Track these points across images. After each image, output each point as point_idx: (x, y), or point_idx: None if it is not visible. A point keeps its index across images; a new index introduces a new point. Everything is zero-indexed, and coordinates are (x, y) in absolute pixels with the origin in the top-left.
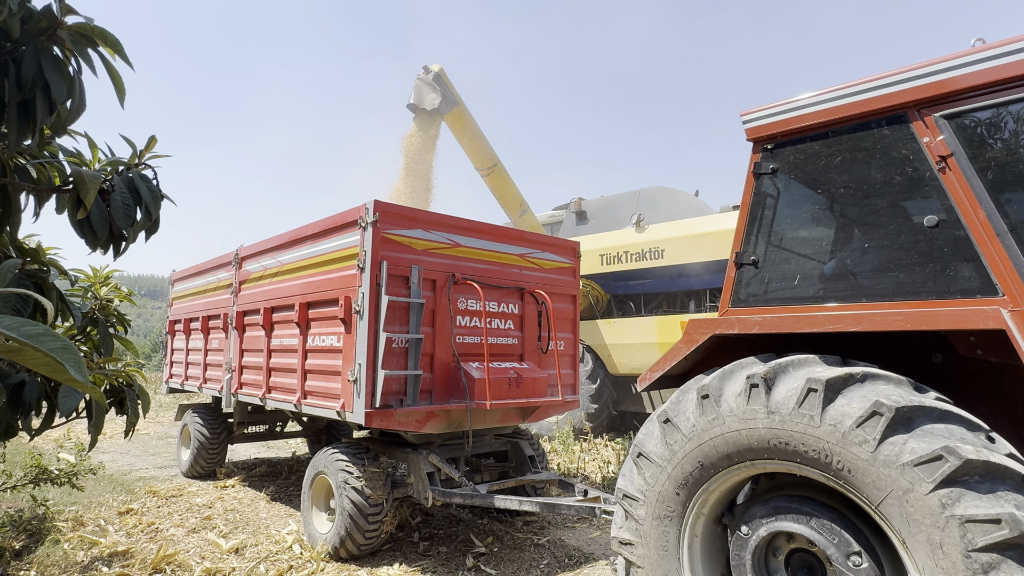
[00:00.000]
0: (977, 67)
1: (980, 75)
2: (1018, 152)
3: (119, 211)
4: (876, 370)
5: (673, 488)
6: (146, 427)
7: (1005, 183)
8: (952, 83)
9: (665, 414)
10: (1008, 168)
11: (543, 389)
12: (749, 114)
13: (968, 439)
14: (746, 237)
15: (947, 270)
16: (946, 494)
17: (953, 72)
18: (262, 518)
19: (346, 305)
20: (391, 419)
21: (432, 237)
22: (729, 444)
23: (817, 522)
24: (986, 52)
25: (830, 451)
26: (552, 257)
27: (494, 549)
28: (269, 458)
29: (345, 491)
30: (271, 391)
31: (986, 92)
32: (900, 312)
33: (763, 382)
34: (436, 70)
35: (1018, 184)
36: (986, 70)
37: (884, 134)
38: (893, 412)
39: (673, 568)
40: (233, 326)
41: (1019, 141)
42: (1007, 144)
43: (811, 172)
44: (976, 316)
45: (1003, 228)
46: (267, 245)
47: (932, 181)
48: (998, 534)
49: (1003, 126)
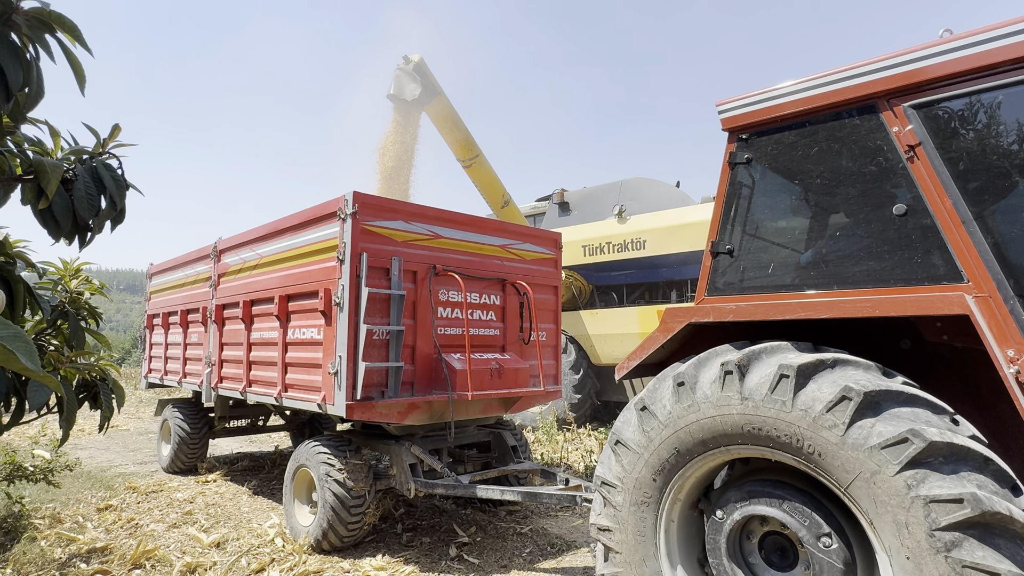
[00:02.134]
0: (944, 58)
1: (946, 65)
2: (983, 141)
3: (82, 201)
4: (846, 356)
5: (650, 474)
6: (126, 423)
7: (970, 172)
8: (920, 73)
9: (642, 402)
10: (973, 157)
11: (525, 380)
12: (724, 104)
13: (933, 422)
14: (721, 226)
15: (915, 257)
16: (911, 475)
17: (921, 63)
18: (244, 512)
19: (326, 297)
20: (372, 411)
21: (413, 228)
22: (704, 430)
23: (789, 505)
24: (952, 43)
25: (801, 435)
26: (533, 248)
27: (477, 539)
28: (252, 452)
29: (327, 483)
30: (252, 385)
31: (952, 82)
32: (869, 299)
33: (737, 369)
34: (416, 60)
35: (982, 173)
36: (952, 60)
37: (855, 124)
38: (861, 396)
39: (650, 553)
40: (212, 320)
41: (984, 131)
42: (972, 134)
43: (785, 161)
44: (941, 302)
45: (968, 216)
46: (246, 238)
47: (901, 170)
48: (961, 513)
49: (969, 116)
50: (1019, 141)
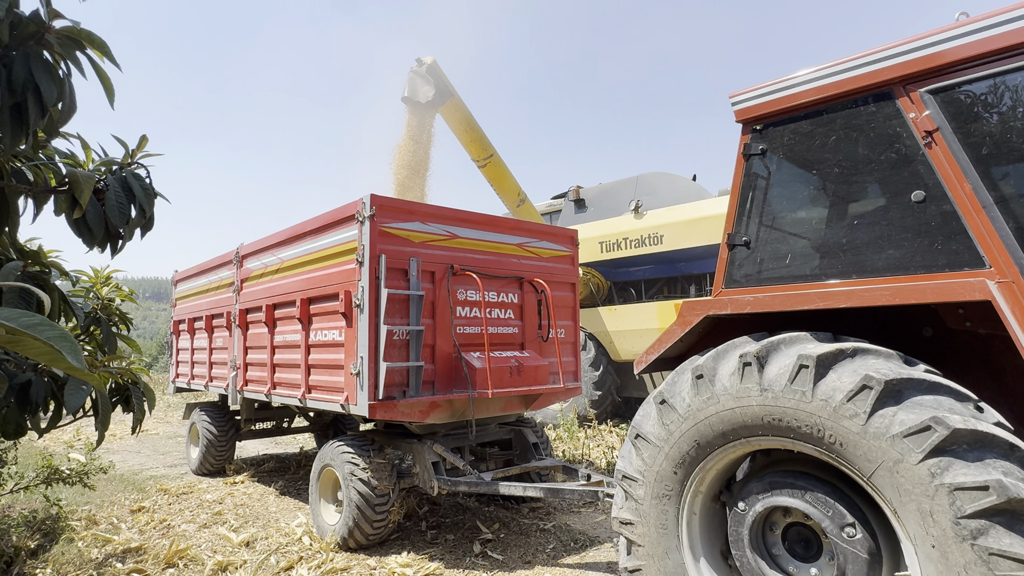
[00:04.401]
0: (959, 41)
1: (963, 49)
2: (1002, 125)
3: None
4: (866, 345)
5: (671, 467)
6: (155, 427)
7: (990, 156)
8: (936, 58)
9: (661, 395)
10: (993, 141)
11: (544, 377)
12: (738, 95)
13: (956, 409)
14: (737, 218)
15: (935, 244)
16: (935, 463)
17: (937, 47)
18: (272, 512)
19: (346, 299)
20: (394, 410)
21: (429, 229)
22: (724, 422)
23: (812, 496)
24: (968, 26)
25: (822, 425)
26: (550, 246)
27: (501, 535)
28: (277, 454)
29: (352, 483)
30: (276, 387)
31: (969, 66)
32: (888, 287)
33: (756, 360)
34: (429, 62)
35: (1002, 157)
36: (969, 44)
37: (871, 111)
38: (882, 385)
39: (673, 545)
40: (236, 324)
41: (1003, 114)
42: (991, 117)
43: (800, 151)
44: (963, 288)
45: (988, 201)
46: (267, 243)
47: (919, 156)
48: (986, 500)
49: (987, 100)
50: None
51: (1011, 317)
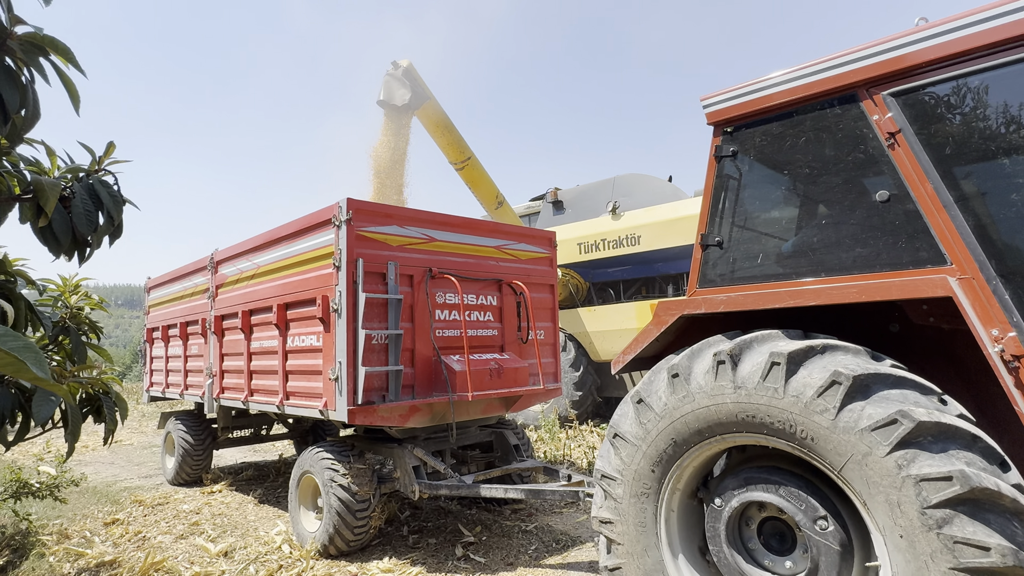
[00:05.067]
0: (919, 45)
1: (923, 53)
2: (961, 126)
3: (80, 217)
4: (835, 341)
5: (648, 466)
6: (129, 437)
7: (950, 157)
8: (897, 62)
9: (638, 394)
10: (952, 142)
11: (524, 378)
12: (709, 98)
13: (921, 402)
14: (710, 219)
15: (899, 242)
16: (902, 455)
17: (898, 51)
18: (250, 521)
19: (324, 304)
20: (374, 415)
21: (407, 233)
22: (699, 420)
23: (785, 490)
24: (927, 31)
25: (794, 421)
26: (528, 248)
27: (483, 538)
28: (256, 462)
29: (332, 489)
30: (253, 394)
31: (929, 69)
32: (855, 285)
33: (729, 358)
34: (405, 65)
35: (961, 157)
36: (927, 48)
37: (837, 113)
38: (851, 380)
39: (651, 543)
40: (212, 331)
41: (961, 116)
42: (950, 119)
43: (769, 153)
44: (925, 285)
45: (949, 200)
46: (242, 248)
47: (883, 157)
48: (950, 490)
49: (946, 102)
50: (996, 125)
51: (971, 312)
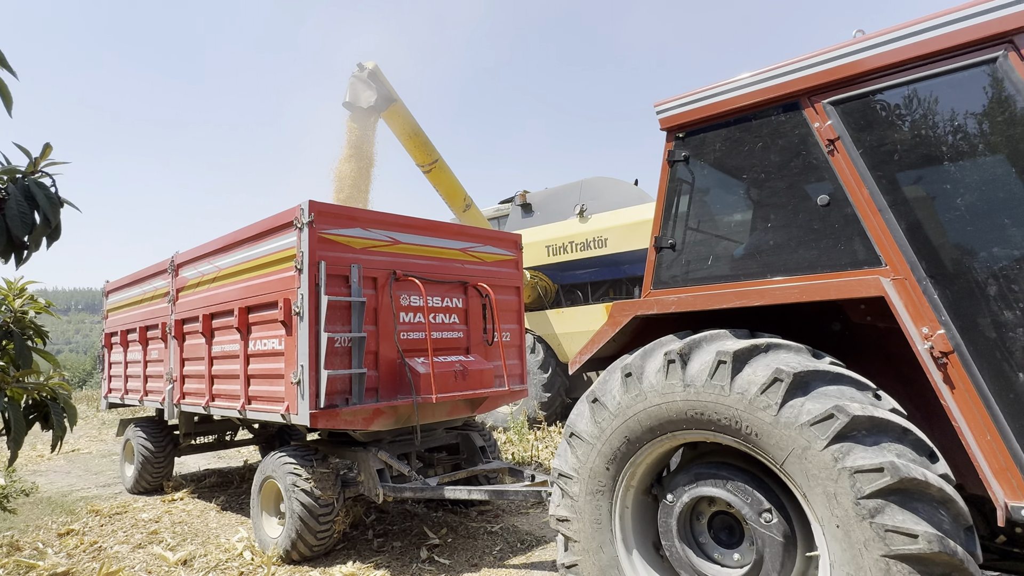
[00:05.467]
0: (855, 56)
1: (858, 64)
2: (893, 134)
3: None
4: (779, 340)
5: (603, 464)
6: (88, 446)
7: (883, 163)
8: (835, 72)
9: (593, 394)
10: (885, 149)
11: (490, 380)
12: (662, 104)
13: (857, 398)
14: (663, 222)
15: (839, 245)
16: (838, 449)
17: (836, 62)
18: (212, 528)
19: (285, 307)
20: (337, 419)
21: (371, 235)
22: (651, 418)
23: (733, 485)
24: (864, 43)
25: (739, 417)
26: (494, 250)
27: (448, 540)
28: (220, 468)
29: (294, 493)
30: (215, 399)
31: (864, 79)
32: (796, 285)
33: (679, 358)
34: (371, 67)
35: (894, 163)
36: (863, 59)
37: (782, 120)
38: (791, 377)
39: (606, 539)
40: (172, 335)
41: (894, 123)
42: (884, 127)
43: (719, 158)
44: (859, 285)
45: (884, 204)
46: (204, 250)
47: (823, 163)
48: (881, 481)
49: (880, 110)
50: (925, 133)
51: (902, 311)
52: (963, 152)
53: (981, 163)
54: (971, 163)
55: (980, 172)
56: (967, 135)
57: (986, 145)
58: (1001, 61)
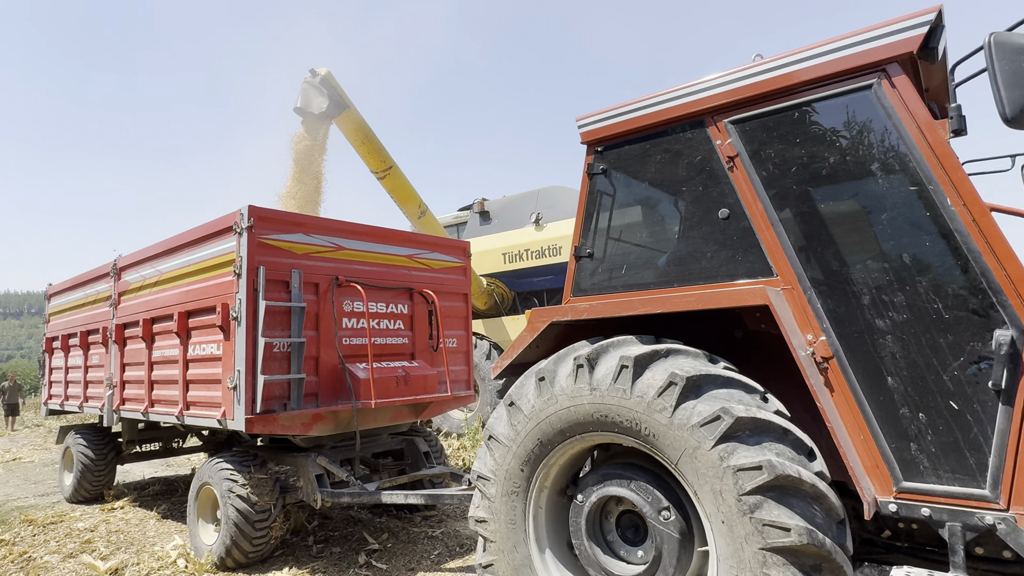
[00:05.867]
0: (753, 79)
1: (754, 87)
2: (784, 153)
3: None
4: (679, 346)
5: (518, 465)
6: (30, 455)
7: (776, 179)
8: (734, 93)
9: (510, 398)
10: (778, 166)
11: (433, 386)
12: (583, 119)
13: (745, 400)
14: (583, 232)
15: (737, 256)
16: (723, 448)
17: (735, 83)
18: (149, 537)
19: (223, 312)
20: (274, 424)
21: (314, 241)
22: (562, 420)
23: (636, 484)
24: (761, 66)
25: (639, 419)
26: (441, 257)
27: (388, 545)
28: (167, 476)
29: (230, 499)
30: (154, 404)
31: (760, 101)
32: (693, 294)
33: (587, 362)
34: (323, 73)
35: (785, 180)
36: (759, 82)
37: (688, 137)
38: (684, 381)
39: (520, 539)
40: (113, 340)
41: (785, 143)
42: (776, 145)
43: (633, 171)
44: (747, 294)
45: (775, 218)
46: (146, 254)
47: (724, 179)
48: (760, 478)
49: (772, 130)
50: (811, 152)
51: (784, 319)
52: (842, 171)
53: (857, 181)
54: (849, 181)
55: (856, 190)
56: (846, 155)
57: (861, 164)
58: (875, 88)
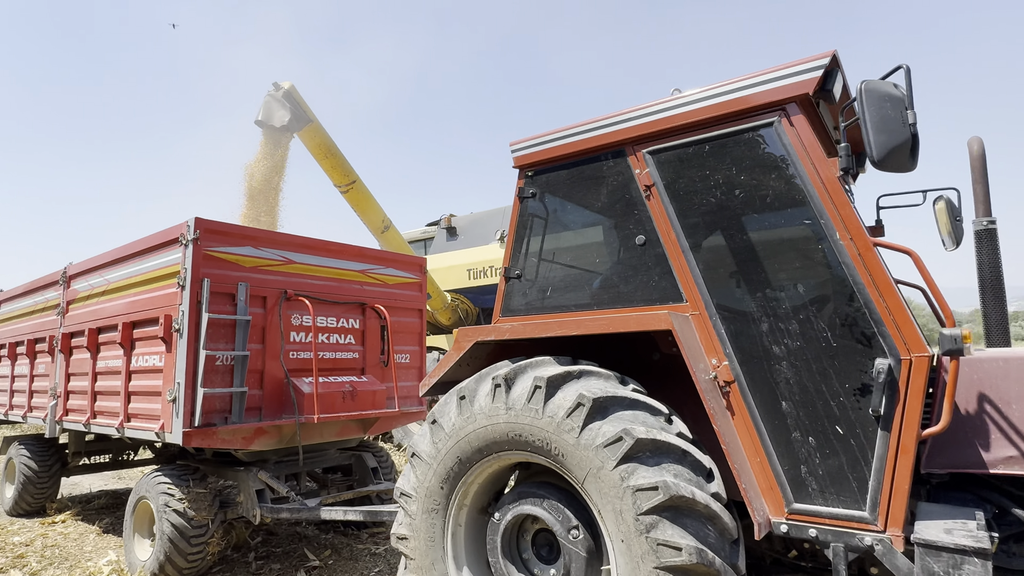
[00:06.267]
0: (668, 112)
1: (670, 119)
2: (694, 184)
3: None
4: (591, 368)
5: (438, 483)
6: None
7: (688, 209)
8: (651, 125)
9: (433, 415)
10: (689, 196)
11: (381, 401)
12: (516, 144)
13: (649, 422)
14: (513, 253)
15: (651, 281)
16: (624, 469)
17: (653, 116)
18: (87, 552)
19: (166, 324)
20: (213, 438)
21: (263, 254)
22: (479, 439)
23: (548, 503)
24: (676, 100)
25: (549, 439)
26: (396, 273)
27: (329, 562)
28: (116, 489)
29: (165, 514)
30: (96, 416)
31: (675, 134)
32: (605, 317)
33: (504, 382)
34: (287, 87)
35: (695, 210)
36: (674, 115)
37: (611, 165)
38: (591, 402)
39: (439, 556)
40: (59, 349)
41: (695, 174)
42: (688, 176)
43: (560, 196)
44: (652, 319)
45: (686, 246)
46: (96, 263)
47: (642, 206)
48: (656, 499)
49: (685, 161)
50: (721, 185)
51: (688, 344)
52: (747, 203)
53: (760, 213)
54: (753, 213)
55: (759, 221)
56: (750, 188)
57: (764, 198)
58: (776, 125)
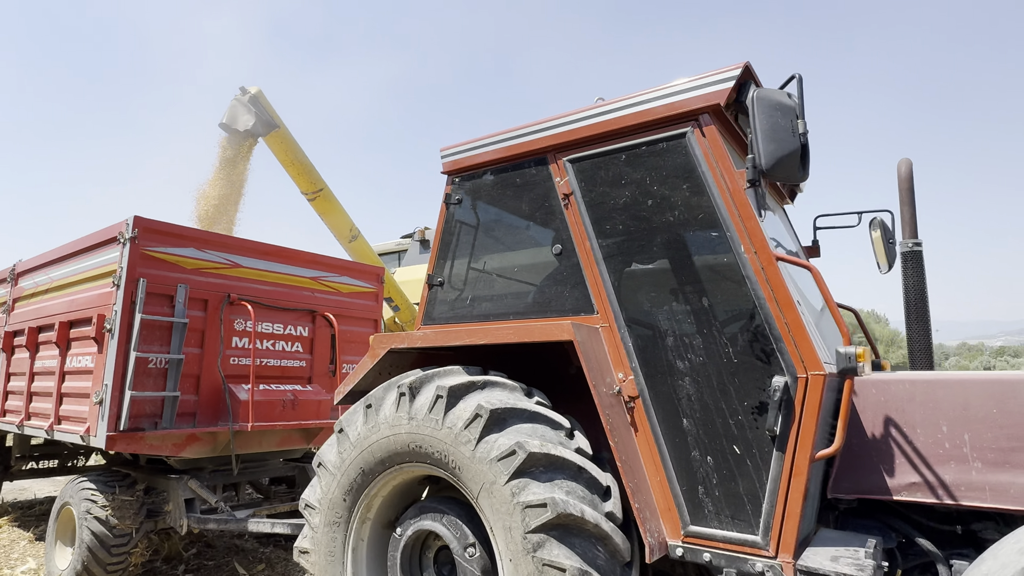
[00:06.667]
0: (587, 121)
1: (589, 128)
2: (610, 194)
3: None
4: (496, 378)
5: (341, 494)
6: None
7: (602, 219)
8: (572, 133)
9: (340, 424)
10: (603, 206)
11: (325, 411)
12: (446, 150)
13: (548, 436)
14: (437, 260)
15: (565, 291)
16: (516, 484)
17: (573, 124)
18: (12, 560)
19: (98, 324)
20: (141, 443)
21: (207, 257)
22: (383, 450)
23: (448, 519)
24: (597, 109)
25: (447, 451)
26: (351, 281)
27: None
28: None
29: (86, 522)
30: (29, 417)
31: (594, 142)
32: (513, 327)
33: (409, 391)
34: (254, 92)
35: (610, 221)
36: (592, 124)
37: (534, 173)
38: (488, 414)
39: (338, 571)
40: (1, 348)
41: (613, 184)
42: (603, 186)
43: (485, 203)
44: (554, 330)
45: (600, 257)
46: (42, 260)
47: (560, 215)
48: (544, 516)
49: (604, 171)
50: (631, 194)
51: (590, 357)
52: (659, 214)
53: (671, 225)
54: (664, 224)
55: (670, 233)
56: (663, 199)
57: (675, 209)
58: (689, 136)
